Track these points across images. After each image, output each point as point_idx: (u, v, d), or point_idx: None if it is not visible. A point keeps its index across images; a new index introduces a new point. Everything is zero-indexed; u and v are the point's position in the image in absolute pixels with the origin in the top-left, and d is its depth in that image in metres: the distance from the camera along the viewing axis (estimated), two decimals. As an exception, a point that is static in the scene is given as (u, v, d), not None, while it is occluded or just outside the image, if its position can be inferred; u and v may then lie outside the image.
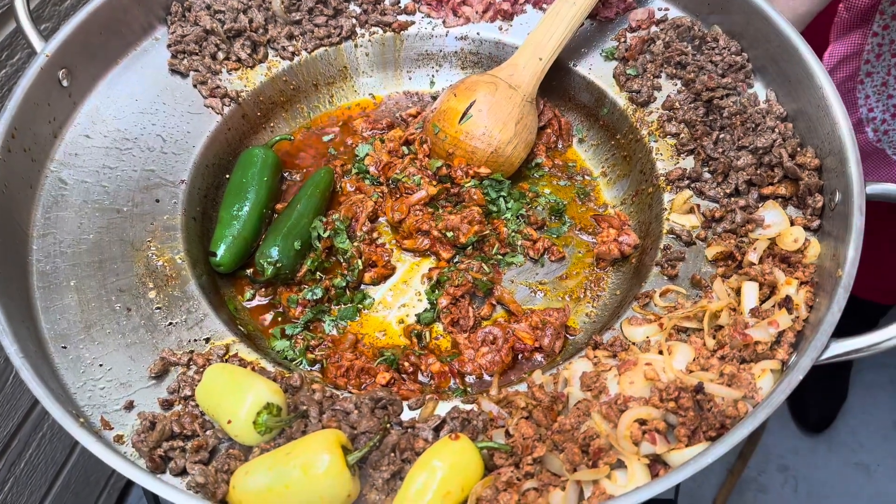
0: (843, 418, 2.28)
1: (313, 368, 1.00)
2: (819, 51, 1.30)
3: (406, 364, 0.99)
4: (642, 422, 0.77)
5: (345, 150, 1.22)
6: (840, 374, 2.27)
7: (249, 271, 1.07)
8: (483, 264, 1.07)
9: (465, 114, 1.12)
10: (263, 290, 1.07)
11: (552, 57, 1.15)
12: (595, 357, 0.90)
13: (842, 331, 0.81)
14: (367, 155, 1.18)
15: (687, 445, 0.76)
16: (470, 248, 1.09)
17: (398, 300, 1.08)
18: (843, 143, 0.95)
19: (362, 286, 1.09)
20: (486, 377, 0.99)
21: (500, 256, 1.10)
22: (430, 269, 1.09)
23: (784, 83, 1.08)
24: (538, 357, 1.01)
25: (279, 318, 1.05)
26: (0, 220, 0.95)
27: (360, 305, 1.06)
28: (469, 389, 0.98)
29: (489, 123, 1.11)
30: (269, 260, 1.03)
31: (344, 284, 1.06)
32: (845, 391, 2.28)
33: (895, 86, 1.36)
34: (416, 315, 1.06)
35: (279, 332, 1.03)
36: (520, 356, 1.01)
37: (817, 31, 1.38)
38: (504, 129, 1.12)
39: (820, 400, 2.24)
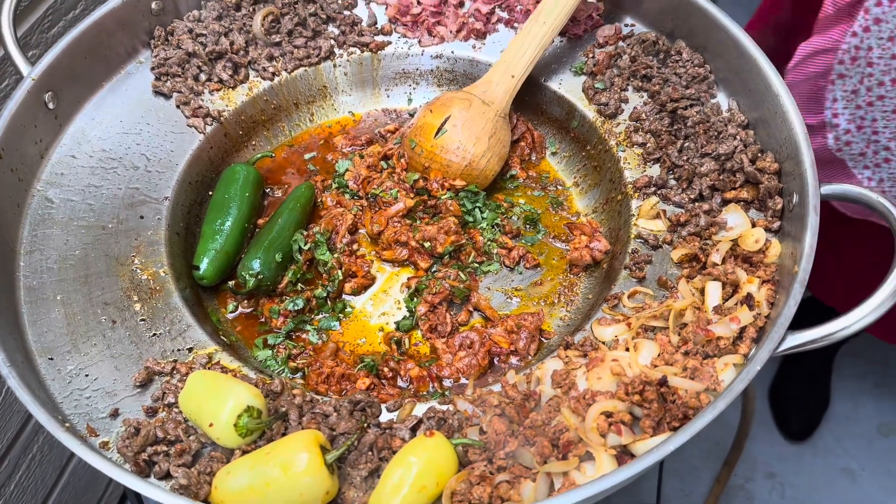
0: (828, 425, 2.31)
1: (295, 376, 1.03)
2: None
3: (385, 370, 1.02)
4: (609, 414, 0.80)
5: (325, 166, 1.26)
6: (821, 382, 2.30)
7: (231, 283, 1.09)
8: (460, 272, 1.10)
9: (440, 129, 1.16)
10: (246, 301, 1.10)
11: (524, 73, 1.19)
12: (566, 356, 0.93)
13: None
14: (346, 170, 1.22)
15: (652, 436, 0.79)
16: (447, 257, 1.13)
17: (378, 308, 1.11)
18: (799, 146, 0.99)
19: (343, 296, 1.12)
20: (464, 381, 1.02)
21: (476, 265, 1.14)
22: (409, 279, 1.13)
23: (745, 93, 1.13)
24: (514, 360, 1.04)
25: (261, 329, 1.08)
26: (-12, 237, 0.98)
27: (340, 315, 1.09)
28: (447, 393, 1.01)
29: (463, 138, 1.16)
30: (250, 272, 1.06)
31: (325, 295, 1.10)
32: (827, 398, 2.31)
33: (865, 97, 1.39)
34: (395, 322, 1.09)
35: (262, 342, 1.06)
36: (496, 360, 1.04)
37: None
38: (478, 143, 1.16)
39: (802, 408, 2.27)
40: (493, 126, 1.17)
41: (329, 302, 1.10)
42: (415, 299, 1.09)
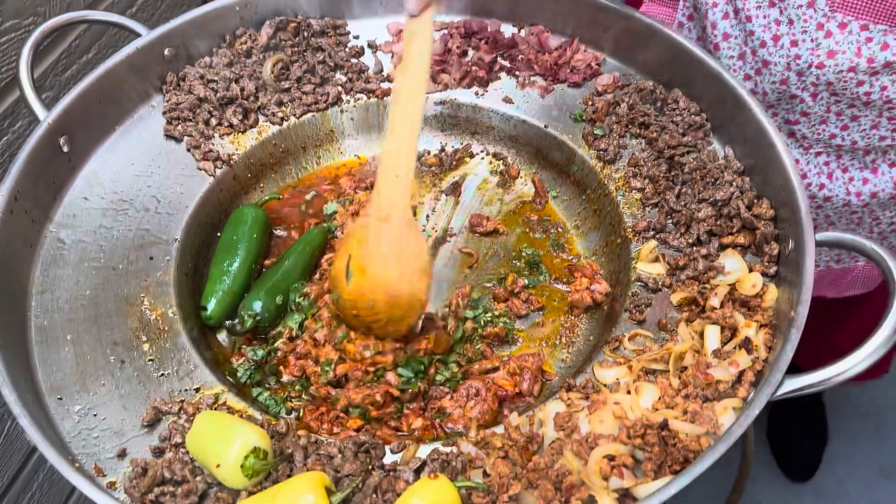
0: (830, 466, 2.30)
1: (289, 416, 1.03)
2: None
3: (386, 430, 1.02)
4: (611, 457, 0.81)
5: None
6: (817, 417, 2.32)
7: (229, 322, 1.11)
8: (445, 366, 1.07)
9: (347, 273, 1.03)
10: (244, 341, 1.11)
11: (410, 167, 1.02)
12: (568, 399, 0.95)
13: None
14: (334, 213, 1.25)
15: (653, 479, 0.80)
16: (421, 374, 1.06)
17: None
18: (795, 195, 1.02)
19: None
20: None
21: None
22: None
23: (740, 140, 1.16)
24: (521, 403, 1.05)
25: (271, 370, 1.09)
26: (1, 277, 1.00)
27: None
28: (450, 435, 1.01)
29: (370, 272, 1.01)
30: (250, 312, 1.08)
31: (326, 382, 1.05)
32: (825, 434, 2.32)
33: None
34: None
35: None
36: (504, 403, 1.04)
37: None
38: (388, 270, 1.01)
39: (802, 447, 2.27)
40: (397, 243, 1.02)
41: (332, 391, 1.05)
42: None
